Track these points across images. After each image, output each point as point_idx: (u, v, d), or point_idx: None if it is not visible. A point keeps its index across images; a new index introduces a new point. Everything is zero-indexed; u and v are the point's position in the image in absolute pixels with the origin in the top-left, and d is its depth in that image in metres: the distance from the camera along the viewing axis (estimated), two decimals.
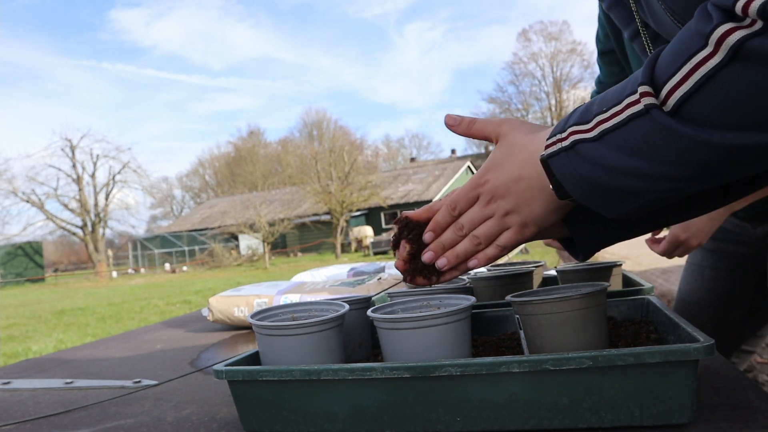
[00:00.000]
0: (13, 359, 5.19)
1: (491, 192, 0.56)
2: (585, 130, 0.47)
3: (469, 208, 0.58)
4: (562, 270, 0.87)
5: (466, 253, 0.58)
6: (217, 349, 1.03)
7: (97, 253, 31.63)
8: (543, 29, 40.14)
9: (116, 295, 12.48)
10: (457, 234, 0.58)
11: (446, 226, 0.59)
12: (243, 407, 0.54)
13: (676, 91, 0.40)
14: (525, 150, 0.54)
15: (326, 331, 0.55)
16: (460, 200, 0.58)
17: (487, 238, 0.57)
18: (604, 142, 0.45)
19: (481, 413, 0.47)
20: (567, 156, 0.48)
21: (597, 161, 0.46)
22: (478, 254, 0.58)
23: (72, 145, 32.93)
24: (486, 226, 0.57)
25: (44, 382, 0.85)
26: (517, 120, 0.58)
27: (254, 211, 24.92)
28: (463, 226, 0.58)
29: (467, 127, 0.61)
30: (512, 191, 0.55)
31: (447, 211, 0.59)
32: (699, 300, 1.29)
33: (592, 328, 0.53)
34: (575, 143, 0.47)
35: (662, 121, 0.41)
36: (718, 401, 0.49)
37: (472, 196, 0.57)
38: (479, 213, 0.57)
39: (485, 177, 0.56)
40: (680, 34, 0.41)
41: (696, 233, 1.03)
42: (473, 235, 0.58)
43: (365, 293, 1.06)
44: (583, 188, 0.48)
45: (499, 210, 0.56)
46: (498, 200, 0.55)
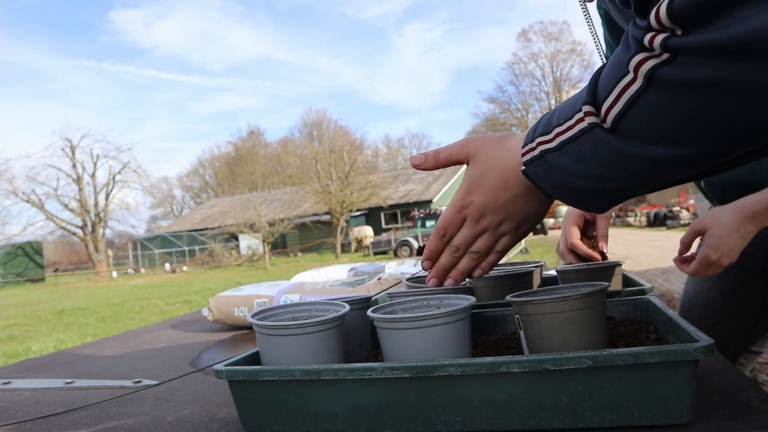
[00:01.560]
0: (13, 359, 5.19)
1: (479, 210, 0.58)
2: (548, 140, 0.51)
3: (458, 231, 0.60)
4: (562, 270, 0.87)
5: (469, 269, 0.62)
6: (217, 349, 1.03)
7: (97, 253, 31.63)
8: (543, 29, 40.16)
9: (116, 295, 12.48)
10: (454, 256, 0.61)
11: (441, 252, 0.62)
12: (243, 407, 0.54)
13: (611, 111, 0.44)
14: (503, 163, 0.57)
15: (326, 331, 0.55)
16: (448, 226, 0.60)
17: (486, 249, 0.61)
18: (563, 152, 0.50)
19: (481, 413, 0.47)
20: (539, 164, 0.52)
21: (562, 168, 0.50)
22: (480, 265, 0.62)
23: (72, 145, 32.93)
24: (483, 240, 0.60)
25: (44, 382, 0.85)
26: (479, 137, 0.60)
27: (254, 211, 24.93)
28: (458, 248, 0.61)
29: (434, 160, 0.63)
30: (501, 203, 0.58)
31: (437, 239, 0.61)
32: (708, 302, 1.28)
33: (592, 328, 0.53)
34: (543, 153, 0.51)
35: (603, 137, 0.46)
36: (718, 401, 0.49)
37: (459, 219, 0.59)
38: (471, 232, 0.60)
39: (468, 199, 0.58)
40: (612, 59, 0.45)
41: (727, 253, 1.00)
42: (471, 252, 0.61)
43: (365, 293, 1.06)
44: (559, 190, 0.52)
45: (492, 223, 0.59)
46: (488, 216, 0.58)
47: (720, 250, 0.99)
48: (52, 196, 32.13)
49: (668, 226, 19.19)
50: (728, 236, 0.98)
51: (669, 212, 20.12)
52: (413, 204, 28.40)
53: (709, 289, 1.28)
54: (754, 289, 1.22)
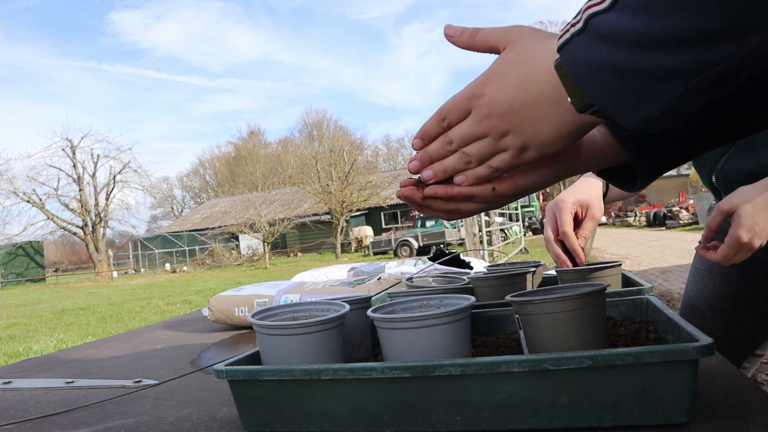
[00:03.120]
0: (14, 359, 5.19)
1: (487, 108, 0.48)
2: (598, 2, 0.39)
3: (460, 121, 0.51)
4: (562, 270, 0.87)
5: (454, 169, 0.53)
6: (218, 349, 1.03)
7: (97, 253, 31.61)
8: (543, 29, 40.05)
9: (117, 295, 12.48)
10: (446, 148, 0.52)
11: (435, 136, 0.53)
12: (243, 407, 0.54)
13: None
14: (535, 58, 0.46)
15: (326, 331, 0.55)
16: (450, 111, 0.51)
17: (479, 158, 0.51)
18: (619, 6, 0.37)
19: (481, 413, 0.47)
20: (580, 41, 0.40)
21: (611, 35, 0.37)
22: (466, 171, 0.52)
23: (72, 146, 32.92)
24: (478, 145, 0.50)
25: (45, 382, 0.85)
26: (530, 28, 0.50)
27: (254, 211, 24.94)
28: (452, 140, 0.51)
29: (470, 38, 0.53)
30: (514, 109, 0.47)
31: (436, 121, 0.52)
32: (710, 306, 1.26)
33: (592, 327, 0.53)
34: (588, 19, 0.39)
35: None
36: (718, 401, 0.49)
37: (464, 108, 0.50)
38: (471, 130, 0.50)
39: (482, 89, 0.48)
40: None
41: (760, 233, 0.91)
42: (463, 152, 0.51)
43: (365, 293, 1.06)
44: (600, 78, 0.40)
45: (496, 130, 0.49)
46: (494, 119, 0.48)
47: (752, 230, 0.90)
48: (52, 196, 32.12)
49: (668, 226, 19.19)
50: (762, 214, 0.90)
51: (668, 212, 20.12)
52: None
53: (712, 294, 1.26)
54: (757, 293, 1.21)
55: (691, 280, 1.32)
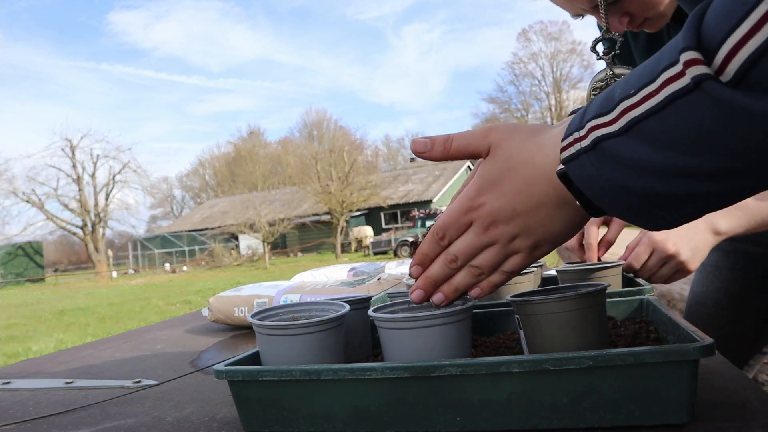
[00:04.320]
0: (14, 359, 5.19)
1: (490, 217, 0.46)
2: (607, 122, 0.37)
3: (460, 236, 0.49)
4: (562, 270, 0.87)
5: (465, 285, 0.50)
6: (217, 349, 1.03)
7: (97, 253, 31.63)
8: (543, 29, 40.15)
9: (116, 295, 12.48)
10: (450, 266, 0.50)
11: (435, 257, 0.50)
12: (243, 407, 0.54)
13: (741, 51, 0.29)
14: (529, 162, 0.45)
15: (326, 331, 0.55)
16: (449, 228, 0.48)
17: (490, 267, 0.49)
18: (633, 135, 0.36)
19: (481, 413, 0.47)
20: (589, 159, 0.39)
21: (627, 162, 0.36)
22: (480, 284, 0.50)
23: (72, 146, 32.94)
24: (488, 254, 0.48)
25: (44, 382, 0.85)
26: (508, 125, 0.48)
27: (254, 211, 24.95)
28: (457, 257, 0.49)
29: (443, 148, 0.49)
30: (519, 212, 0.45)
31: (434, 241, 0.50)
32: (716, 302, 1.26)
33: (592, 328, 0.53)
34: (597, 141, 0.38)
35: (721, 95, 0.30)
36: (718, 401, 0.49)
37: (464, 222, 0.48)
38: (475, 242, 0.48)
39: (479, 200, 0.47)
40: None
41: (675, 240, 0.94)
42: (472, 266, 0.49)
43: (365, 293, 1.06)
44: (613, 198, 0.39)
45: (504, 236, 0.47)
46: (500, 225, 0.46)
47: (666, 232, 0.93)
48: (52, 196, 32.14)
49: None
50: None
51: None
52: (413, 204, 28.41)
53: (717, 290, 1.26)
54: (762, 289, 1.21)
55: (697, 276, 1.32)
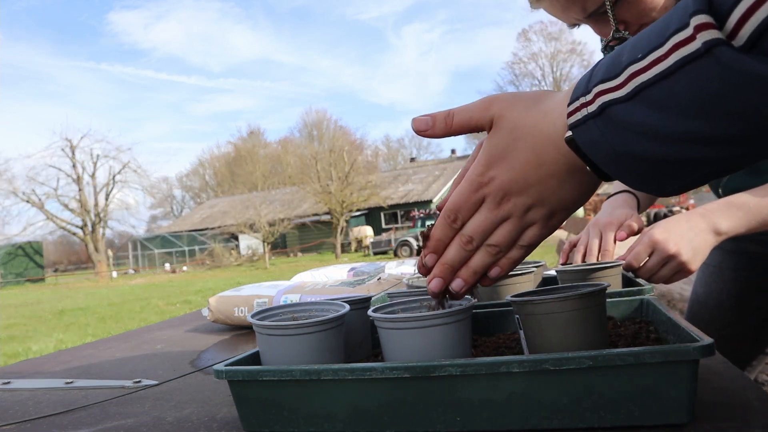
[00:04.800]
0: (14, 359, 5.19)
1: (503, 190, 0.45)
2: (615, 87, 0.37)
3: (473, 216, 0.47)
4: (562, 270, 0.87)
5: (484, 266, 0.48)
6: (217, 349, 1.03)
7: (97, 253, 31.63)
8: (543, 29, 40.14)
9: (116, 295, 12.48)
10: (466, 249, 0.48)
11: (449, 242, 0.48)
12: (243, 407, 0.54)
13: (755, 14, 0.29)
14: (535, 130, 0.44)
15: (326, 331, 0.55)
16: (460, 208, 0.47)
17: (508, 242, 0.47)
18: (641, 100, 0.35)
19: (481, 413, 0.47)
20: (596, 124, 0.38)
21: (634, 127, 0.36)
22: (500, 262, 0.48)
23: (72, 146, 32.94)
24: (504, 230, 0.47)
25: (44, 382, 0.85)
26: (509, 95, 0.47)
27: (254, 211, 24.95)
28: (472, 237, 0.47)
29: (444, 124, 0.48)
30: (531, 182, 0.44)
31: (446, 224, 0.48)
32: (719, 303, 1.26)
33: (592, 328, 0.53)
34: (604, 106, 0.37)
35: (731, 61, 0.30)
36: (718, 401, 0.49)
37: (475, 199, 0.46)
38: (490, 218, 0.46)
39: (489, 174, 0.45)
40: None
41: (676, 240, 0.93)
42: (489, 245, 0.47)
43: (365, 293, 1.06)
44: (621, 164, 0.38)
45: (518, 208, 0.46)
46: (513, 197, 0.45)
47: (668, 231, 0.93)
48: (52, 196, 32.15)
49: None
50: (675, 222, 0.94)
51: (669, 212, 20.11)
52: (413, 204, 28.41)
53: (720, 291, 1.26)
54: (763, 288, 1.21)
55: (700, 276, 1.32)
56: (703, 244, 0.94)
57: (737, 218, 0.94)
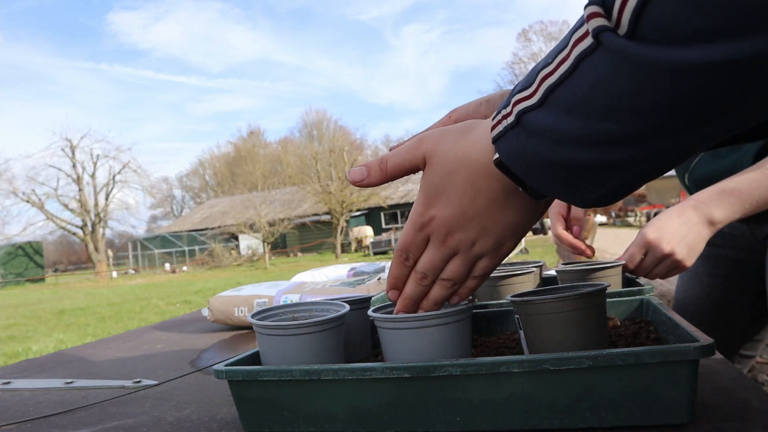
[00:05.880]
0: (13, 359, 5.19)
1: (444, 228, 0.45)
2: (528, 95, 0.36)
3: (422, 253, 0.48)
4: (562, 270, 0.87)
5: (443, 298, 0.51)
6: (217, 349, 1.03)
7: (97, 253, 31.63)
8: (543, 29, 40.15)
9: (116, 295, 12.48)
10: (422, 284, 0.49)
11: (407, 278, 0.50)
12: (243, 407, 0.54)
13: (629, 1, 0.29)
14: (467, 160, 0.43)
15: (326, 331, 0.55)
16: (409, 248, 0.48)
17: (460, 276, 0.48)
18: (549, 104, 0.35)
19: (481, 413, 0.47)
20: (514, 134, 0.38)
21: (546, 131, 0.35)
22: (458, 292, 0.50)
23: (72, 146, 32.95)
24: (454, 265, 0.48)
25: (44, 382, 0.85)
26: (437, 131, 0.47)
27: (254, 211, 24.95)
28: (425, 273, 0.48)
29: (380, 171, 0.49)
30: (471, 215, 0.44)
31: (400, 263, 0.49)
32: (697, 308, 1.25)
33: (592, 328, 0.53)
34: (519, 114, 0.37)
35: (616, 46, 0.30)
36: (718, 401, 0.49)
37: (421, 239, 0.47)
38: (438, 255, 0.47)
39: (429, 213, 0.46)
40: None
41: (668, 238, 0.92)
42: (442, 280, 0.49)
43: (365, 293, 1.06)
44: (542, 173, 0.38)
45: (463, 243, 0.46)
46: (457, 233, 0.45)
47: (660, 230, 0.92)
48: (52, 196, 32.16)
49: None
50: (668, 219, 0.93)
51: None
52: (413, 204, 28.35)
53: (699, 296, 1.26)
54: (744, 294, 1.20)
55: (680, 281, 1.32)
56: (697, 237, 0.93)
57: (730, 204, 0.92)
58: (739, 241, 1.18)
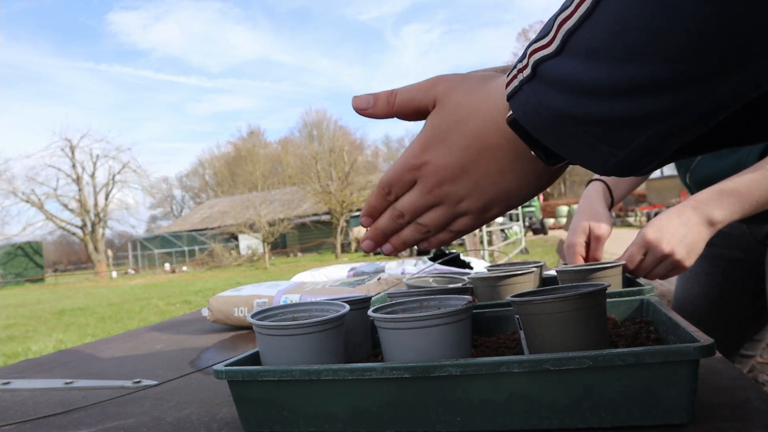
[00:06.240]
0: (13, 359, 5.19)
1: (435, 177, 0.43)
2: (545, 45, 0.33)
3: (405, 192, 0.46)
4: (562, 270, 0.87)
5: (414, 240, 0.48)
6: (217, 349, 1.03)
7: (96, 253, 31.62)
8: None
9: (116, 295, 12.48)
10: (397, 222, 0.47)
11: (383, 210, 0.48)
12: (243, 407, 0.54)
13: None
14: (480, 112, 0.40)
15: (326, 332, 0.55)
16: (393, 183, 0.45)
17: (438, 226, 0.46)
18: (569, 51, 0.32)
19: (481, 413, 0.47)
20: (530, 88, 0.35)
21: (567, 84, 0.32)
22: (429, 240, 0.48)
23: (72, 145, 32.94)
24: (435, 214, 0.46)
25: (44, 383, 0.85)
26: (456, 75, 0.44)
27: (254, 211, 24.94)
28: (403, 213, 0.46)
29: (386, 103, 0.46)
30: (468, 170, 0.42)
31: (380, 195, 0.47)
32: (696, 308, 1.26)
33: (592, 328, 0.53)
34: (536, 65, 0.34)
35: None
36: (718, 401, 0.49)
37: (407, 179, 0.45)
38: (421, 200, 0.45)
39: (423, 157, 0.43)
40: None
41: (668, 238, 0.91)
42: (418, 223, 0.47)
43: (365, 293, 1.06)
44: (559, 131, 0.35)
45: (450, 197, 0.44)
46: (446, 186, 0.43)
47: (660, 230, 0.92)
48: (51, 196, 32.15)
49: None
50: (667, 220, 0.93)
51: None
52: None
53: (697, 296, 1.26)
54: (742, 293, 1.20)
55: (678, 281, 1.32)
56: (697, 238, 0.92)
57: (730, 205, 0.92)
58: (738, 241, 1.18)
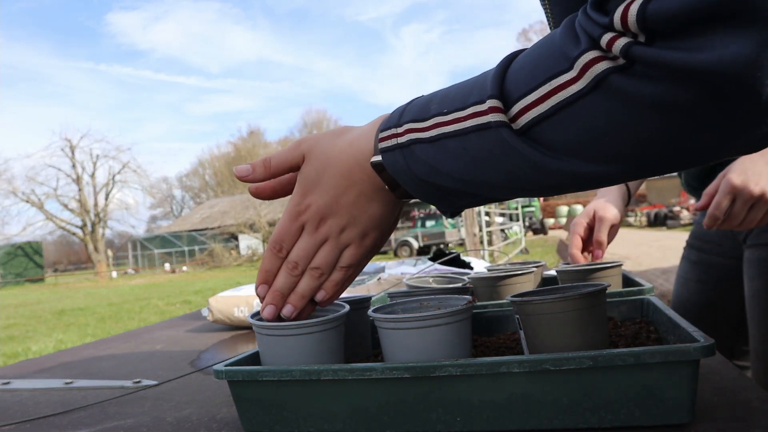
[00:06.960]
0: (13, 359, 5.19)
1: (318, 215, 0.50)
2: (421, 129, 0.44)
3: (295, 242, 0.52)
4: (562, 270, 0.87)
5: (311, 290, 0.53)
6: (217, 349, 1.03)
7: (96, 253, 31.63)
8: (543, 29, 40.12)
9: (116, 295, 12.48)
10: (293, 274, 0.52)
11: (277, 271, 0.53)
12: (243, 407, 0.54)
13: (529, 112, 0.38)
14: (343, 156, 0.49)
15: (326, 332, 0.55)
16: (284, 238, 0.52)
17: (328, 264, 0.52)
18: (441, 146, 0.43)
19: (481, 413, 0.47)
20: (402, 155, 0.45)
21: (433, 164, 0.44)
22: (324, 285, 0.53)
23: (72, 145, 32.96)
24: (324, 252, 0.51)
25: (44, 383, 0.85)
26: (314, 135, 0.53)
27: (254, 211, 24.94)
28: (297, 263, 0.52)
29: (263, 169, 0.53)
30: (343, 204, 0.50)
31: (273, 255, 0.52)
32: (687, 312, 1.25)
33: (592, 327, 0.53)
34: (412, 142, 0.44)
35: (509, 140, 0.39)
36: (718, 401, 0.49)
37: (296, 228, 0.51)
38: (311, 242, 0.51)
39: (305, 202, 0.50)
40: (541, 49, 0.38)
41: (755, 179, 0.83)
42: (312, 268, 0.52)
43: (365, 293, 1.06)
44: (421, 188, 0.46)
45: (333, 230, 0.51)
46: (329, 219, 0.50)
47: (744, 173, 0.84)
48: (51, 196, 32.17)
49: (669, 226, 19.18)
50: (752, 163, 0.85)
51: (669, 212, 20.10)
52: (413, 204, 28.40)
53: (687, 301, 1.25)
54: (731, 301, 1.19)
55: (674, 286, 1.32)
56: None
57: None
58: (727, 248, 1.18)
